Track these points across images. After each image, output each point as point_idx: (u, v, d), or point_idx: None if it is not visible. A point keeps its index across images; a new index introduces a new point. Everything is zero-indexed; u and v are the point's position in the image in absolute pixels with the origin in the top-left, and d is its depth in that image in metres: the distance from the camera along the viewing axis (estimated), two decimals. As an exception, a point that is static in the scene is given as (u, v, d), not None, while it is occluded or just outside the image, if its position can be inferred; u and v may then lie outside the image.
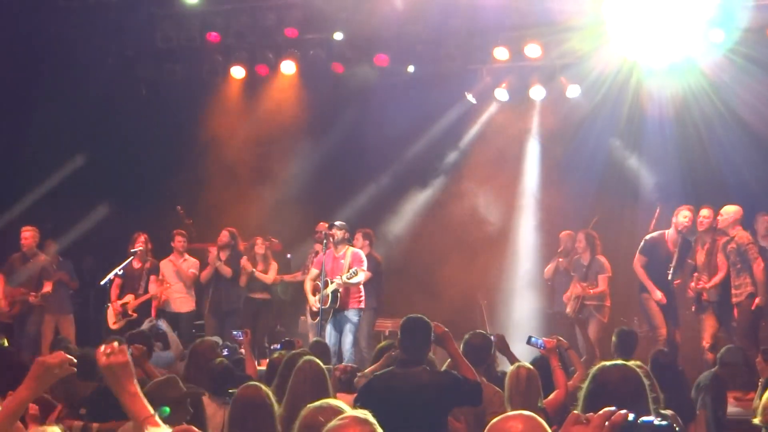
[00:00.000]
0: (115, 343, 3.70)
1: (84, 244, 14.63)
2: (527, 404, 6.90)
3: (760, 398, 8.14)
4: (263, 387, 5.97)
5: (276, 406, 5.93)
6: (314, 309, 12.56)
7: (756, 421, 5.89)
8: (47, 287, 13.54)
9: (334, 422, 3.46)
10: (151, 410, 3.64)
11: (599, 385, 4.30)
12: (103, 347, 3.65)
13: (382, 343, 9.42)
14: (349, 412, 3.58)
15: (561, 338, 8.94)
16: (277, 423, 5.82)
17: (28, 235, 13.58)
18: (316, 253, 13.49)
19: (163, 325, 10.13)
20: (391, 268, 14.03)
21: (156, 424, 3.60)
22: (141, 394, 3.66)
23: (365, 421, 3.43)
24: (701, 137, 13.70)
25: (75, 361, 3.84)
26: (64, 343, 10.70)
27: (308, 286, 12.84)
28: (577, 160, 14.33)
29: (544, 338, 8.07)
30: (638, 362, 6.66)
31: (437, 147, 15.15)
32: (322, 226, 13.28)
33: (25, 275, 13.54)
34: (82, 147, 14.85)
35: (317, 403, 4.28)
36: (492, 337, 8.45)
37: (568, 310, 12.86)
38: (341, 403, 4.36)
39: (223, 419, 6.76)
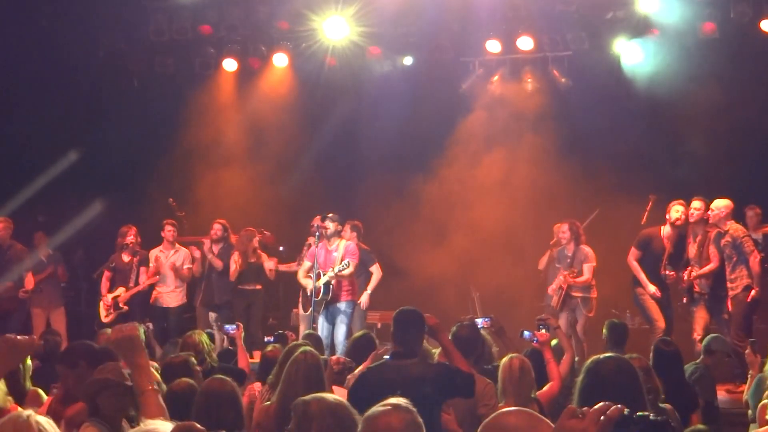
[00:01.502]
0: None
1: (75, 237, 14.59)
2: (520, 395, 6.93)
3: (749, 390, 8.24)
4: (228, 380, 6.01)
5: (241, 398, 6.00)
6: (308, 292, 12.59)
7: None
8: (29, 282, 13.51)
9: (375, 409, 3.49)
10: (154, 384, 3.90)
11: (594, 378, 4.30)
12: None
13: (357, 334, 9.51)
14: (390, 399, 3.59)
15: (550, 317, 8.98)
16: (245, 415, 5.87)
17: (1, 226, 13.55)
18: (309, 245, 13.51)
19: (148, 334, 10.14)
20: (381, 260, 14.04)
21: (155, 399, 3.84)
22: (148, 367, 3.95)
23: (407, 410, 3.46)
24: (694, 128, 13.74)
25: (41, 342, 4.01)
26: (52, 335, 10.70)
27: (302, 275, 12.90)
28: (569, 152, 14.35)
29: (536, 332, 8.09)
30: (635, 354, 6.70)
31: (430, 139, 15.13)
32: (318, 219, 13.32)
33: (4, 267, 13.51)
34: (75, 140, 14.81)
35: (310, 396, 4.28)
36: (487, 320, 8.52)
37: (553, 302, 12.87)
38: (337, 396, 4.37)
39: None
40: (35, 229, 14.02)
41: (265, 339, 10.65)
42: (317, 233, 12.58)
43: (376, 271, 13.14)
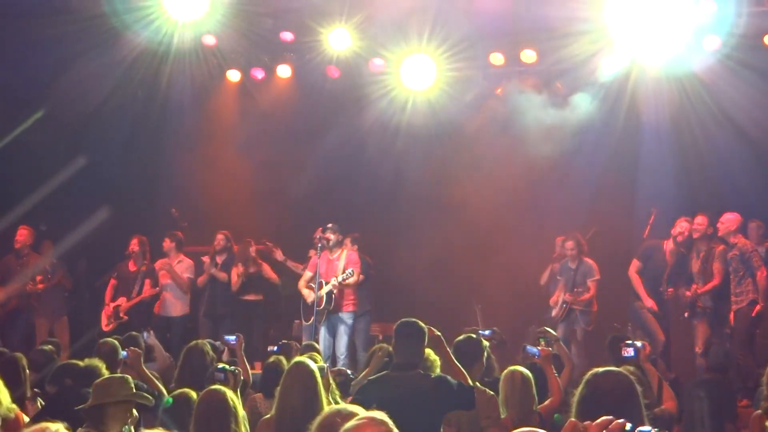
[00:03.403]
0: None
1: (79, 247, 14.57)
2: (522, 407, 6.95)
3: None
4: (227, 391, 6.06)
5: (240, 409, 6.04)
6: (308, 302, 12.62)
7: None
8: (40, 280, 13.56)
9: (351, 423, 3.50)
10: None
11: (592, 391, 4.31)
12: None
13: (375, 347, 9.49)
14: (366, 413, 3.61)
15: (549, 329, 8.99)
16: (242, 426, 5.91)
17: (24, 233, 13.64)
18: (309, 258, 13.56)
19: (149, 338, 10.15)
20: (381, 272, 14.05)
21: None
22: None
23: (381, 422, 3.47)
24: (698, 144, 13.73)
25: None
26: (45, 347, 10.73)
27: (302, 287, 12.91)
28: (573, 166, 14.34)
29: (539, 348, 8.09)
30: (631, 367, 6.72)
31: (433, 150, 15.13)
32: (320, 231, 13.38)
33: (20, 274, 13.56)
34: (79, 150, 14.80)
35: (335, 407, 4.31)
36: (489, 333, 8.56)
37: (554, 314, 12.90)
38: (357, 408, 4.39)
39: None
40: (38, 238, 14.04)
41: (269, 349, 10.65)
42: (319, 244, 12.60)
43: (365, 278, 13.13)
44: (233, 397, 6.00)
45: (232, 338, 10.01)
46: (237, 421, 5.88)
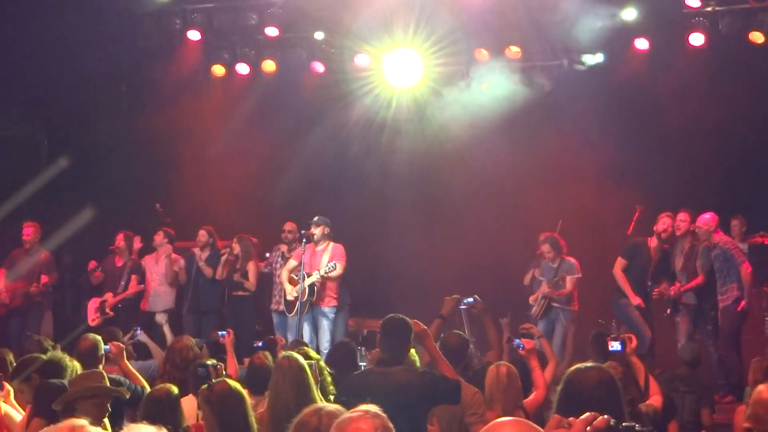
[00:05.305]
0: None
1: (64, 243, 14.50)
2: (508, 402, 6.96)
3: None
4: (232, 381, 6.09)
5: (248, 398, 6.05)
6: (289, 298, 12.62)
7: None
8: (45, 279, 13.54)
9: (345, 415, 3.51)
10: None
11: (573, 388, 4.31)
12: None
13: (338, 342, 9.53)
14: (361, 406, 3.61)
15: (533, 326, 9.03)
16: (251, 414, 5.93)
17: (30, 231, 13.60)
18: (282, 253, 13.54)
19: (142, 336, 10.13)
20: (366, 267, 14.03)
21: None
22: None
23: (376, 415, 3.48)
24: (682, 140, 13.79)
25: None
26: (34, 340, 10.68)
27: (285, 276, 12.88)
28: (559, 163, 14.37)
29: (523, 339, 8.11)
30: (614, 363, 6.75)
31: (418, 146, 15.13)
32: (290, 225, 13.40)
33: (25, 269, 13.52)
34: (63, 147, 14.74)
35: (314, 406, 4.31)
36: (471, 301, 8.68)
37: (534, 311, 12.91)
38: (336, 406, 4.39)
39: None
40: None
41: (254, 345, 10.64)
42: (304, 239, 12.57)
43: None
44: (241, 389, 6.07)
45: (222, 333, 10.03)
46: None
